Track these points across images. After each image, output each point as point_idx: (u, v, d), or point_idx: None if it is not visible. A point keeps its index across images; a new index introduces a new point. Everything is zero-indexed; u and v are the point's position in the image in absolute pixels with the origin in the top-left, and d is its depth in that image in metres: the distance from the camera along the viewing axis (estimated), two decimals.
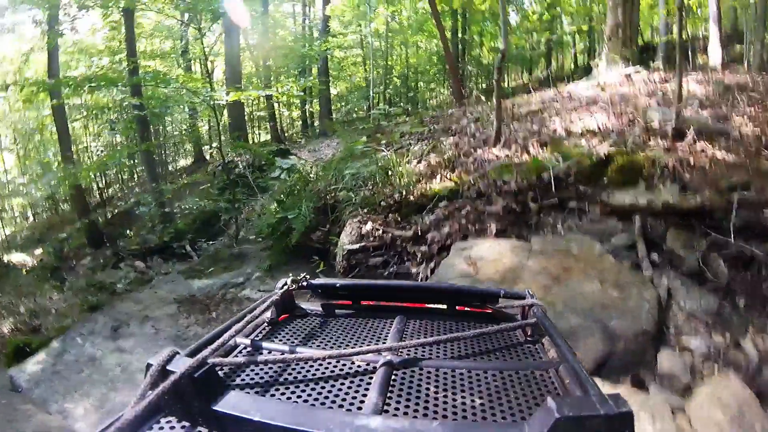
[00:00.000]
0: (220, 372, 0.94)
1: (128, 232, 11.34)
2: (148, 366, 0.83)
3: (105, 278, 8.51)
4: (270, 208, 9.40)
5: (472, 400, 0.98)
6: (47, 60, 10.44)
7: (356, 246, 6.31)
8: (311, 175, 9.24)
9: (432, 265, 5.68)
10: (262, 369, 1.09)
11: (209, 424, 0.79)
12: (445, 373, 1.10)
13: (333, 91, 22.51)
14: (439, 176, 7.23)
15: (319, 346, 1.30)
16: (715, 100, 7.22)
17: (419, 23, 19.93)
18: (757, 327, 3.99)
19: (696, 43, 13.30)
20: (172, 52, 16.43)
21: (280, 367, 1.11)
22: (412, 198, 6.88)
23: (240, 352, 1.20)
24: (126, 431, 0.73)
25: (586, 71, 14.81)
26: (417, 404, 0.95)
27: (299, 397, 0.99)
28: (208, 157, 17.40)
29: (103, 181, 14.29)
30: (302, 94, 16.32)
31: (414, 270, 5.85)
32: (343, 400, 0.97)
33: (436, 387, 1.03)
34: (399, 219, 6.64)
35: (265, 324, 1.41)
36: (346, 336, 1.38)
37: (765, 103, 6.79)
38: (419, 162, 8.06)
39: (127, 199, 13.61)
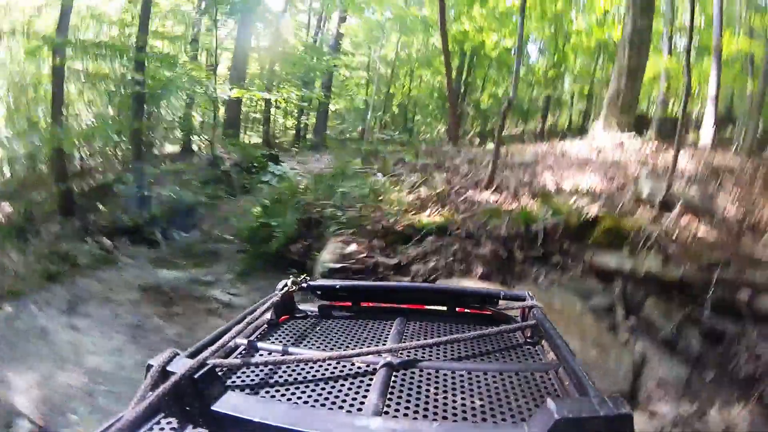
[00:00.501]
0: (219, 373, 0.93)
1: (101, 207, 10.98)
2: (149, 367, 0.83)
3: (69, 249, 8.14)
4: (253, 211, 9.27)
5: (472, 402, 0.98)
6: (59, 18, 10.19)
7: (338, 265, 6.24)
8: (301, 187, 9.17)
9: None
10: (262, 370, 1.10)
11: (209, 425, 0.79)
12: (445, 374, 1.10)
13: (331, 108, 22.67)
14: (428, 210, 7.26)
15: (318, 347, 1.30)
16: (703, 179, 7.49)
17: (427, 58, 20.40)
18: (724, 400, 4.08)
19: (689, 120, 13.79)
20: (181, 38, 16.32)
21: (279, 368, 1.11)
22: (399, 227, 6.87)
23: (240, 353, 1.20)
24: None
25: (580, 131, 15.30)
26: (417, 405, 0.96)
27: (299, 398, 0.99)
28: (196, 148, 17.14)
29: (86, 152, 13.84)
30: (305, 104, 16.39)
31: None
32: (343, 401, 0.98)
33: (436, 388, 1.03)
34: (384, 246, 6.61)
35: (265, 325, 1.40)
36: (346, 337, 1.38)
37: (751, 187, 7.07)
38: (410, 192, 8.10)
39: (107, 175, 13.20)
